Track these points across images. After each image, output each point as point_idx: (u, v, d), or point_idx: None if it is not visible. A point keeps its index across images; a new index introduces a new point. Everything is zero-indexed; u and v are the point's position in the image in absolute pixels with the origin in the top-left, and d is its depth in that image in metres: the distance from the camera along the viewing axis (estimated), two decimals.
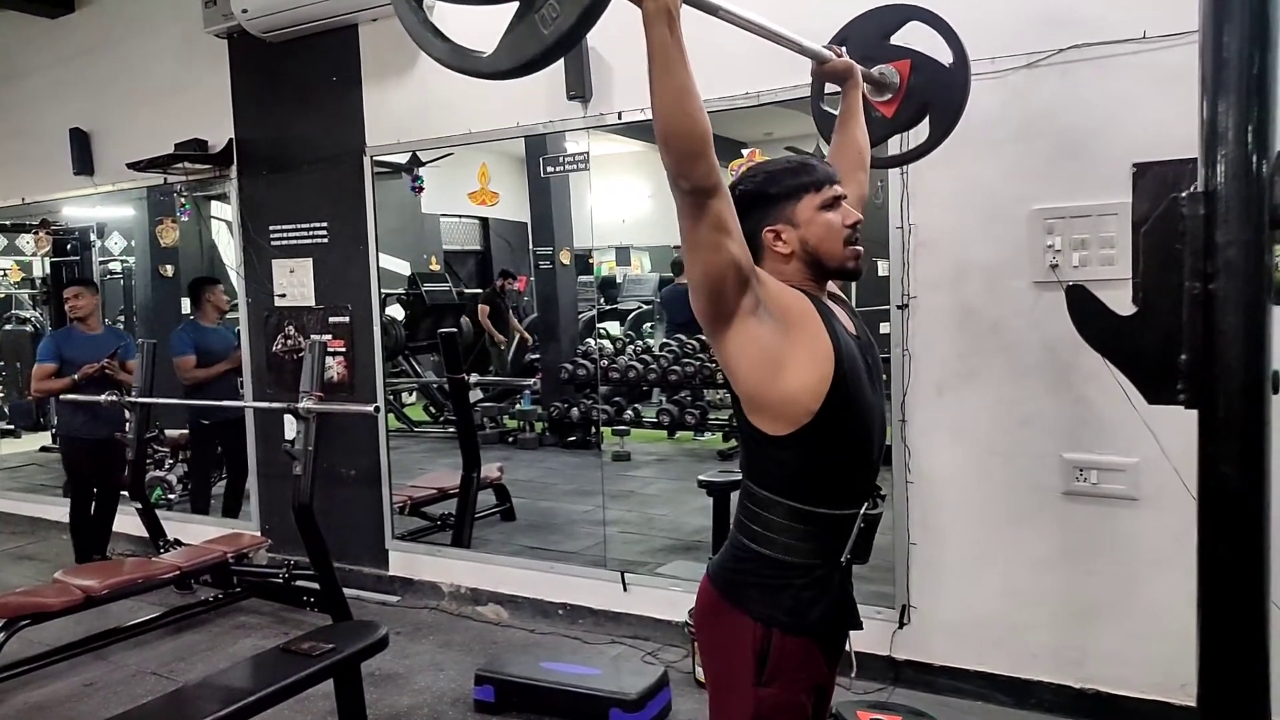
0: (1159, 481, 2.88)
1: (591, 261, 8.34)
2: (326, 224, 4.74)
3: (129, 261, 8.11)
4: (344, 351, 4.73)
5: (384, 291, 4.85)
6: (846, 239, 1.69)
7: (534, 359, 8.68)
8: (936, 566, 3.35)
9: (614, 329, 9.65)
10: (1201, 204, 1.33)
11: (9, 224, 7.36)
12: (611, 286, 10.54)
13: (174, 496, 6.07)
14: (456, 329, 7.86)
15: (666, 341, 7.90)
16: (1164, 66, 2.82)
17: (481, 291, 9.19)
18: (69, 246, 7.95)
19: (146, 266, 7.40)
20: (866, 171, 2.10)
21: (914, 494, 3.37)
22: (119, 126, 5.42)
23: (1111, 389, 2.64)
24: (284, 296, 4.90)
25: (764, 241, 1.68)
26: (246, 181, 4.98)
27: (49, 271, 8.67)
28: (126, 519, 5.27)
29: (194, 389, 5.35)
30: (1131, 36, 2.89)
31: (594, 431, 7.28)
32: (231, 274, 5.44)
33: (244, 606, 4.49)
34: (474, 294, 9.56)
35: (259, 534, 4.86)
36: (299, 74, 4.71)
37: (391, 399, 6.98)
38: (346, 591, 4.19)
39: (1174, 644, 2.66)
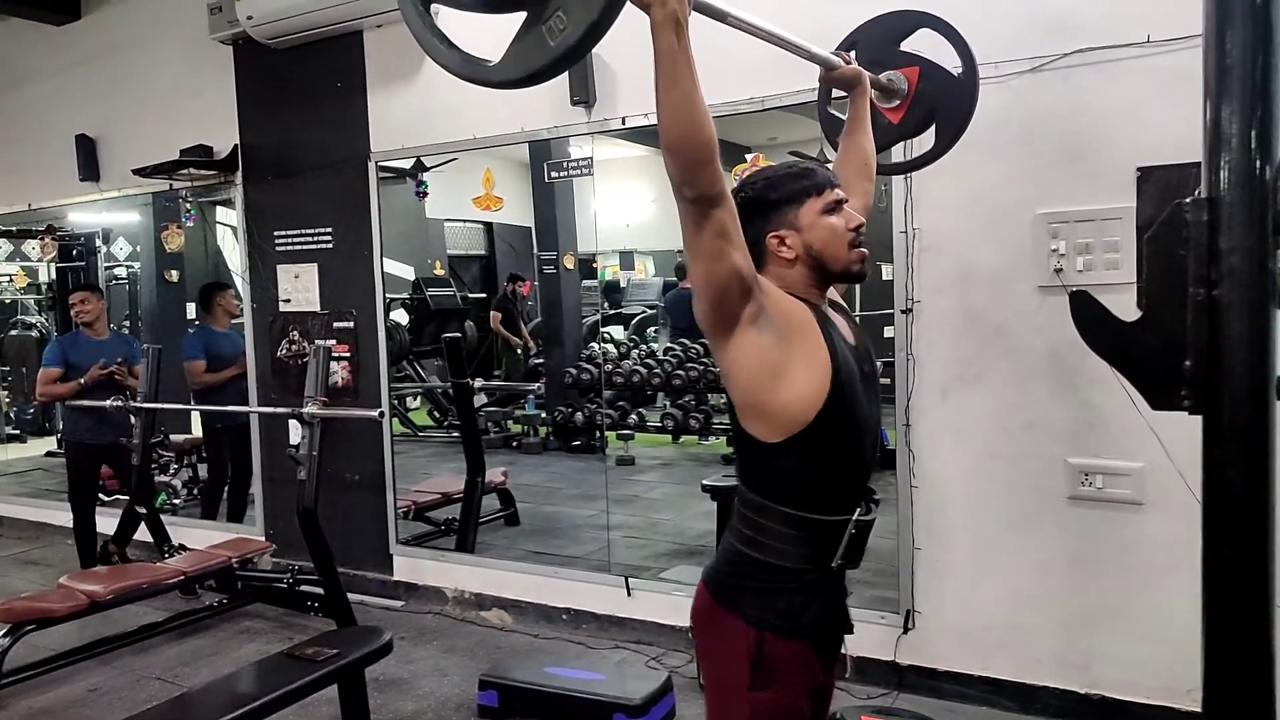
0: (1164, 486, 2.87)
1: (595, 266, 8.34)
2: (331, 229, 4.75)
3: (134, 267, 8.13)
4: (348, 356, 4.74)
5: (388, 296, 4.86)
6: (850, 242, 1.70)
7: (538, 364, 8.69)
8: (941, 571, 3.35)
9: (618, 333, 9.66)
10: (1205, 210, 1.33)
11: (15, 230, 7.39)
12: (615, 291, 10.55)
13: (179, 501, 6.08)
14: (461, 334, 7.87)
15: (670, 346, 7.91)
16: (1168, 71, 2.82)
17: (486, 296, 9.20)
18: (74, 252, 7.99)
19: (152, 272, 7.41)
20: (872, 181, 2.10)
21: (918, 498, 3.36)
22: (124, 133, 5.44)
23: (1116, 393, 2.63)
24: (289, 302, 4.91)
25: (768, 247, 1.69)
26: (251, 187, 4.99)
27: (55, 277, 8.70)
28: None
29: (204, 394, 5.36)
30: (1135, 41, 2.90)
31: (598, 436, 7.28)
32: (236, 279, 5.46)
33: (248, 611, 4.49)
34: (478, 299, 9.57)
35: (264, 539, 4.86)
36: (304, 80, 4.72)
37: (396, 404, 7.00)
38: (351, 596, 4.19)
39: (1179, 649, 2.65)
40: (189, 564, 4.29)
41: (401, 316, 8.42)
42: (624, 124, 3.87)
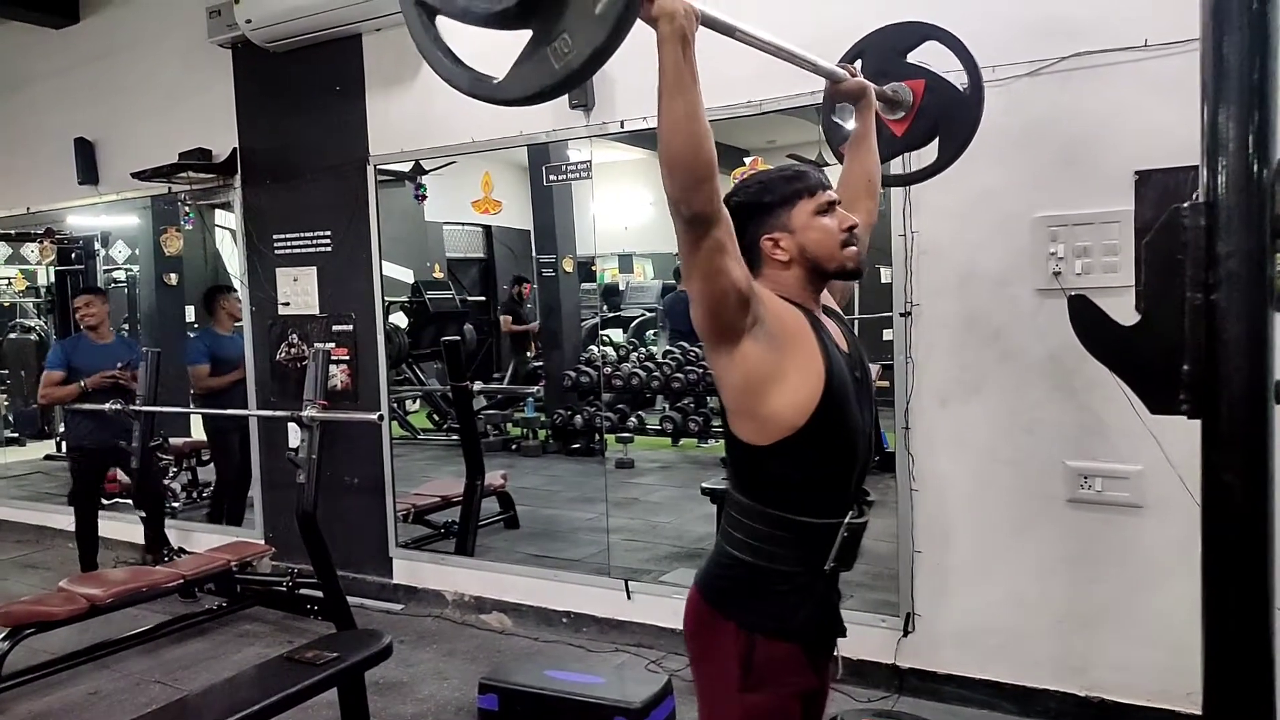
0: (1163, 489, 2.88)
1: (594, 269, 8.35)
2: (330, 232, 4.75)
3: (133, 270, 8.13)
4: (348, 359, 4.74)
5: (387, 299, 4.86)
6: (843, 242, 1.71)
7: (537, 366, 8.69)
8: (941, 574, 3.35)
9: (617, 336, 9.66)
10: (1203, 214, 1.33)
11: (14, 233, 7.38)
12: (614, 294, 10.55)
13: (178, 505, 6.07)
14: (460, 337, 7.87)
15: (669, 349, 7.91)
16: (1165, 74, 2.82)
17: (485, 299, 9.19)
18: (73, 255, 7.98)
19: (151, 275, 7.40)
20: (877, 200, 2.10)
21: (918, 501, 3.36)
22: (123, 136, 5.44)
23: (1115, 396, 2.63)
24: (288, 305, 4.92)
25: (762, 250, 1.70)
26: (250, 190, 5.00)
27: (54, 280, 8.69)
28: (130, 527, 5.29)
29: (208, 397, 5.36)
30: (1133, 44, 2.90)
31: (597, 439, 7.28)
32: (236, 283, 5.46)
33: (248, 615, 4.49)
34: (477, 301, 9.57)
35: (263, 542, 4.86)
36: (303, 84, 4.73)
37: (395, 407, 6.99)
38: (350, 600, 4.18)
39: (1179, 652, 2.64)
40: (188, 567, 4.29)
41: (400, 319, 8.42)
42: (623, 127, 3.88)
